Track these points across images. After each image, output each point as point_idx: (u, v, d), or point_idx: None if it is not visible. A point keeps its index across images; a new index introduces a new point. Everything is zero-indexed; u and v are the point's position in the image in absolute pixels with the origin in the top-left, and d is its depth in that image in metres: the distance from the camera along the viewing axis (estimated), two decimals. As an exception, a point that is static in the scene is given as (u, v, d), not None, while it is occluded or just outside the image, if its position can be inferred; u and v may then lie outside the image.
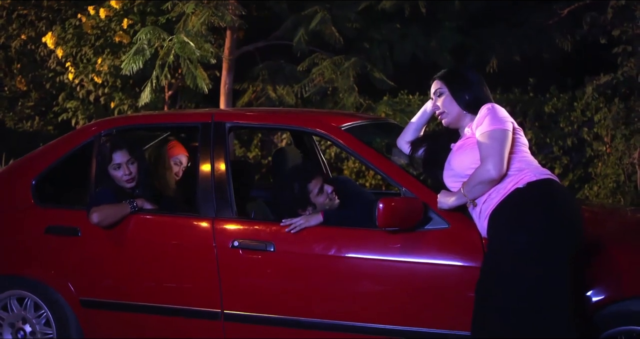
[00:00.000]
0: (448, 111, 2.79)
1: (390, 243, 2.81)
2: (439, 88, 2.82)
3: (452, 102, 2.77)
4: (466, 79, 2.80)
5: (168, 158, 3.47)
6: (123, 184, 3.23)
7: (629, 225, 3.21)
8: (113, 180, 3.23)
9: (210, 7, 6.06)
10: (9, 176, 3.51)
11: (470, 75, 2.83)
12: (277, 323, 2.94)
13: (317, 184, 3.08)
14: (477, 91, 2.77)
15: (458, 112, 2.77)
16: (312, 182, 3.07)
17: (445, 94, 2.80)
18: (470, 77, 2.81)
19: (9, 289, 3.32)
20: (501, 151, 2.55)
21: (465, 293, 2.62)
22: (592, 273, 2.64)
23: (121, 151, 3.20)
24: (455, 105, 2.77)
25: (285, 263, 2.95)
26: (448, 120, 2.80)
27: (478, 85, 2.79)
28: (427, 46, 7.22)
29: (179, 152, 3.54)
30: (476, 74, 2.85)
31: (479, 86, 2.79)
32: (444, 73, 2.87)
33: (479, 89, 2.78)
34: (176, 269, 3.09)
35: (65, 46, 7.14)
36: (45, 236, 3.25)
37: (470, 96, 2.76)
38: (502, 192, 2.56)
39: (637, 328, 2.59)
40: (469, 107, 2.75)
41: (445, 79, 2.83)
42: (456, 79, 2.81)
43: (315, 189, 3.07)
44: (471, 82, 2.79)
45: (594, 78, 6.08)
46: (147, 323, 3.15)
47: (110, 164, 3.20)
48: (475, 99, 2.75)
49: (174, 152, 3.52)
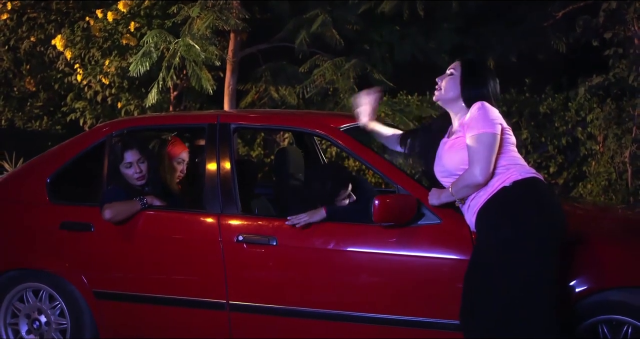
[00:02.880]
0: (446, 91, 2.76)
1: (385, 238, 2.89)
2: (453, 69, 2.79)
3: (456, 85, 2.74)
4: (483, 74, 2.76)
5: (170, 160, 3.50)
6: (134, 181, 3.30)
7: (615, 222, 3.29)
8: (124, 178, 3.30)
9: (214, 11, 6.09)
10: (25, 174, 3.56)
11: (488, 73, 2.78)
12: (279, 312, 3.02)
13: (347, 191, 3.15)
14: (486, 89, 2.73)
15: (455, 97, 2.75)
16: (346, 188, 3.14)
17: (456, 76, 2.76)
18: (487, 73, 2.77)
19: (25, 282, 3.39)
20: (488, 156, 2.59)
21: (455, 284, 2.69)
22: (576, 266, 2.72)
23: (132, 151, 3.28)
24: (457, 88, 2.74)
25: (287, 256, 3.02)
26: (439, 96, 2.78)
27: (488, 81, 2.74)
28: (426, 47, 7.14)
29: (181, 151, 3.55)
30: (493, 73, 2.81)
31: (488, 82, 2.74)
32: (469, 59, 2.83)
33: (486, 85, 2.73)
34: (184, 263, 3.16)
35: (73, 48, 7.13)
36: (59, 231, 3.32)
37: (476, 91, 2.72)
38: (489, 190, 2.61)
39: (616, 317, 2.70)
40: (468, 99, 2.73)
41: (465, 65, 2.78)
42: (475, 70, 2.77)
43: (345, 194, 3.14)
44: (485, 79, 2.74)
45: (587, 79, 6.10)
46: (156, 313, 3.21)
47: (122, 162, 3.28)
48: (477, 96, 2.71)
49: (175, 152, 3.54)
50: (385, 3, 6.54)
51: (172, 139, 3.59)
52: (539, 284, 2.52)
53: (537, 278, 2.51)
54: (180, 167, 3.54)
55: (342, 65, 6.49)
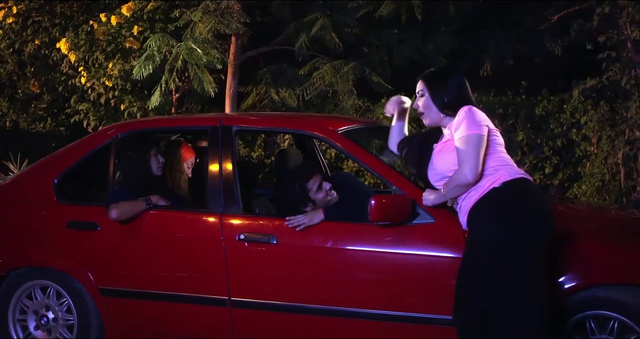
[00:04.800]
0: (427, 112, 2.84)
1: (382, 236, 2.95)
2: (420, 89, 2.85)
3: (431, 104, 2.82)
4: (445, 82, 2.81)
5: (181, 163, 3.56)
6: (157, 171, 3.41)
7: (603, 222, 3.32)
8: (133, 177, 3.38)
9: (216, 15, 6.16)
10: (33, 175, 3.62)
11: (450, 78, 2.83)
12: (279, 308, 3.08)
13: (315, 182, 3.20)
14: (456, 94, 2.79)
15: (436, 113, 2.82)
16: (310, 180, 3.19)
17: (426, 95, 2.83)
18: (450, 81, 2.82)
19: (33, 279, 3.45)
20: (476, 156, 2.66)
21: (449, 281, 2.75)
22: (565, 263, 2.79)
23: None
24: (433, 107, 2.82)
25: (287, 254, 3.08)
26: (428, 121, 2.87)
27: (457, 88, 2.80)
28: (424, 50, 7.15)
29: (192, 155, 3.62)
30: (457, 76, 2.85)
31: (458, 89, 2.81)
32: (427, 74, 2.88)
33: (458, 92, 2.80)
34: (187, 260, 3.22)
35: (78, 51, 7.18)
36: (66, 230, 3.38)
37: (448, 99, 2.78)
38: (480, 190, 2.68)
39: (603, 312, 2.77)
40: (447, 109, 2.79)
41: (426, 80, 2.85)
42: (436, 81, 2.83)
43: (314, 186, 3.19)
44: (450, 86, 2.80)
45: (581, 82, 6.11)
46: (160, 309, 3.27)
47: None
48: (452, 103, 2.78)
49: (187, 156, 3.60)
50: (384, 7, 6.54)
51: (184, 147, 3.65)
52: (528, 280, 2.58)
53: (526, 275, 2.58)
54: (188, 171, 3.62)
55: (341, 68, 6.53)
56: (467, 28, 7.63)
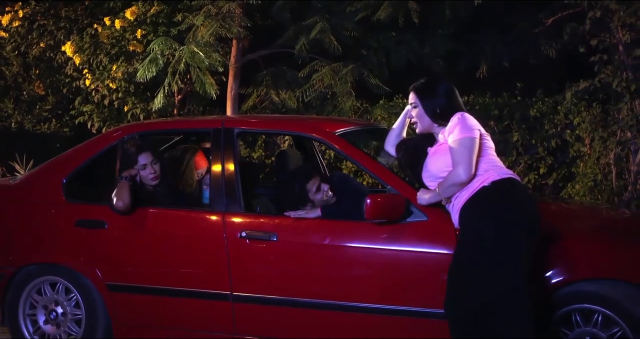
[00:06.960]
0: (420, 122, 2.98)
1: (377, 233, 3.05)
2: (413, 101, 2.99)
3: (424, 115, 2.96)
4: (436, 93, 2.93)
5: (193, 169, 3.64)
6: (148, 181, 3.44)
7: (590, 220, 3.41)
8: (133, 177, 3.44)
9: (218, 19, 6.23)
10: (43, 176, 3.70)
11: (440, 88, 2.95)
12: (279, 303, 3.16)
13: (314, 184, 3.31)
14: (446, 103, 2.91)
15: (429, 122, 2.97)
16: (310, 182, 3.31)
17: (418, 106, 2.97)
18: (440, 91, 2.94)
19: (43, 276, 3.53)
20: (470, 157, 2.77)
21: (441, 276, 2.85)
22: (552, 259, 2.88)
23: (145, 153, 3.44)
24: (426, 117, 2.96)
25: (287, 250, 3.16)
26: (420, 129, 3.01)
27: (447, 97, 2.93)
28: (421, 52, 7.20)
29: (204, 165, 3.69)
30: (446, 85, 2.96)
31: (449, 99, 2.93)
32: (418, 86, 3.00)
33: (448, 101, 2.92)
34: (191, 257, 3.30)
35: (82, 54, 7.24)
36: (75, 228, 3.46)
37: (440, 108, 2.91)
38: (470, 189, 2.79)
39: (587, 306, 2.87)
40: (438, 118, 2.92)
41: (417, 92, 2.98)
42: (427, 92, 2.96)
43: (313, 187, 3.30)
44: (441, 96, 2.92)
45: (574, 84, 6.15)
46: (165, 303, 3.35)
47: (136, 165, 3.43)
48: (443, 112, 2.91)
49: (200, 164, 3.68)
50: (382, 11, 6.58)
51: (200, 155, 3.72)
52: (517, 273, 2.67)
53: (514, 270, 2.68)
54: (198, 178, 3.70)
55: (340, 70, 6.58)
56: (463, 31, 7.67)
